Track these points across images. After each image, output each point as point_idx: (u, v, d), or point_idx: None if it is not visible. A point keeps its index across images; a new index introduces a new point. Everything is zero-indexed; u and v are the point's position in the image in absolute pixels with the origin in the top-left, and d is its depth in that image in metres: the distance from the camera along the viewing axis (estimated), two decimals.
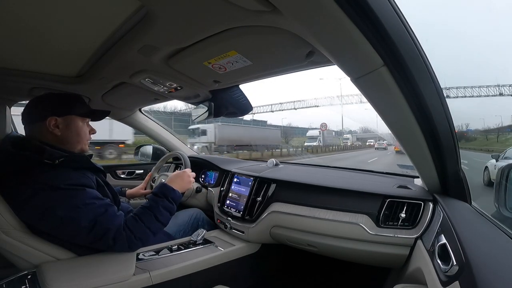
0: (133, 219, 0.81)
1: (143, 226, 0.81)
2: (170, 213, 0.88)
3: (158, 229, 0.86)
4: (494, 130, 24.62)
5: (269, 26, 0.56)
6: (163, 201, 0.87)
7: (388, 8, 0.44)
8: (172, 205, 0.89)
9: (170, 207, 0.88)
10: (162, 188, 0.91)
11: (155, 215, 0.83)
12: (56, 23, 0.62)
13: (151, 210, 0.84)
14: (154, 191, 0.92)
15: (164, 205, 0.87)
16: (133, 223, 0.80)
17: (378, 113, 0.61)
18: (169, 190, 0.91)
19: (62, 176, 0.74)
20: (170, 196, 0.89)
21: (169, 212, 0.88)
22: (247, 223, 1.09)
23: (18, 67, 0.89)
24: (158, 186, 0.93)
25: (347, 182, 1.01)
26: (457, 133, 0.68)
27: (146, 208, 0.84)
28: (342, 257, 0.97)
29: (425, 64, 0.52)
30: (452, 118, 0.61)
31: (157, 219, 0.84)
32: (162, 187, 0.92)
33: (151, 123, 1.60)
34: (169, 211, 0.88)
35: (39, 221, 0.75)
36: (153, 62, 0.79)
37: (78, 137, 0.85)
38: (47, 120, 0.80)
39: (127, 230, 0.78)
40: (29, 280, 0.72)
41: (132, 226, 0.79)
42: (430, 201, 0.80)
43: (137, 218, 0.81)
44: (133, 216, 0.82)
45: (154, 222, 0.83)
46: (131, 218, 0.81)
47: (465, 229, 0.54)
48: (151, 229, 0.82)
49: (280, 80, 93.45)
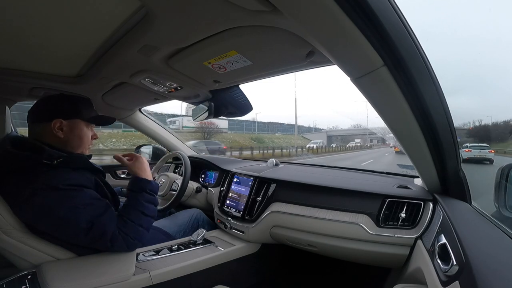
0: (122, 220, 0.79)
1: (134, 225, 0.79)
2: (154, 204, 0.86)
3: (149, 223, 0.84)
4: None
5: (269, 26, 0.55)
6: (143, 195, 0.84)
7: (388, 8, 0.44)
8: (152, 196, 0.86)
9: (152, 199, 0.86)
10: (137, 182, 0.87)
11: (141, 211, 0.82)
12: (56, 23, 0.62)
13: (135, 207, 0.82)
14: (129, 187, 0.87)
15: (146, 198, 0.84)
16: (123, 224, 0.78)
17: (378, 113, 0.61)
18: (144, 182, 0.87)
19: (61, 176, 0.74)
20: (148, 188, 0.86)
21: (153, 204, 0.86)
22: (247, 223, 1.09)
23: (18, 67, 0.89)
24: (132, 181, 0.88)
25: (347, 182, 1.01)
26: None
27: (130, 207, 0.82)
28: (342, 257, 0.97)
29: (425, 64, 0.52)
30: (452, 117, 0.61)
31: (144, 214, 0.82)
32: (136, 181, 0.87)
33: (151, 123, 1.60)
34: (152, 203, 0.85)
35: (38, 221, 0.74)
36: (153, 62, 0.79)
37: (80, 141, 0.85)
38: (53, 122, 0.79)
39: (122, 232, 0.77)
40: (29, 280, 0.72)
41: (124, 228, 0.78)
42: (430, 201, 0.80)
43: (124, 218, 0.79)
44: (120, 217, 0.80)
45: (143, 218, 0.81)
46: (120, 220, 0.79)
47: (465, 229, 0.54)
48: (143, 226, 0.81)
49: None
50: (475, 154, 8.02)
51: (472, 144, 8.98)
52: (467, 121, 20.50)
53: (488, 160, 7.78)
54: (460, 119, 16.35)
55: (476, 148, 8.41)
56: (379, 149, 23.88)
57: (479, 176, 5.05)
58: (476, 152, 8.11)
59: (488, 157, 7.92)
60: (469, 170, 2.92)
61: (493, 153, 8.30)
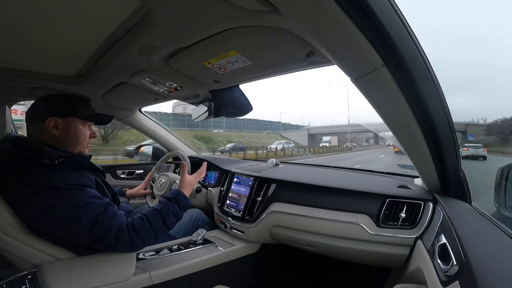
0: (141, 219, 0.82)
1: (149, 228, 0.82)
2: (177, 219, 0.91)
3: (162, 232, 0.87)
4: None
5: (269, 26, 0.56)
6: (175, 206, 0.89)
7: (388, 8, 0.44)
8: (181, 211, 0.92)
9: (179, 214, 0.91)
10: (177, 194, 0.94)
11: (163, 219, 0.85)
12: (56, 23, 0.62)
13: (161, 213, 0.86)
14: (167, 195, 0.94)
15: (175, 211, 0.89)
16: (139, 223, 0.81)
17: (378, 113, 0.61)
18: (182, 197, 0.94)
19: (61, 176, 0.74)
20: (182, 203, 0.92)
21: (177, 218, 0.90)
22: (247, 223, 1.09)
23: (18, 67, 0.89)
24: (174, 191, 0.96)
25: (347, 182, 1.01)
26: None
27: (157, 211, 0.86)
28: (342, 257, 0.97)
29: (425, 64, 0.52)
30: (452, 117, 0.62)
31: (164, 223, 0.85)
32: (177, 193, 0.94)
33: (151, 123, 1.60)
34: (177, 217, 0.90)
35: (39, 221, 0.75)
36: (153, 62, 0.79)
37: (76, 140, 0.85)
38: (47, 120, 0.80)
39: (131, 229, 0.79)
40: (29, 280, 0.72)
41: (138, 226, 0.80)
42: (430, 201, 0.80)
43: (145, 219, 0.82)
44: (141, 216, 0.83)
45: (161, 226, 0.85)
46: (139, 218, 0.82)
47: (465, 229, 0.54)
48: (156, 232, 0.84)
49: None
50: (472, 152, 10.17)
51: (470, 145, 11.36)
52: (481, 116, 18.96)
53: (482, 157, 10.07)
54: (471, 115, 15.63)
55: (473, 147, 10.74)
56: (366, 152, 17.81)
57: (473, 167, 6.89)
58: (472, 150, 10.34)
59: (482, 154, 10.26)
60: (467, 164, 4.16)
61: (486, 151, 10.69)
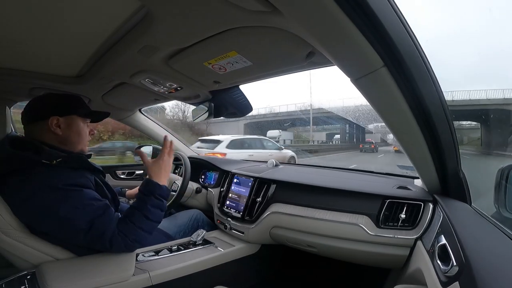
0: (123, 221, 0.78)
1: (134, 227, 0.78)
2: (161, 210, 0.84)
3: (152, 228, 0.82)
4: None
5: (269, 27, 0.56)
6: (151, 199, 0.82)
7: (388, 8, 0.44)
8: (161, 201, 0.84)
9: (159, 204, 0.83)
10: (147, 185, 0.85)
11: (145, 215, 0.80)
12: (56, 23, 0.62)
13: (140, 210, 0.80)
14: (140, 188, 0.86)
15: (153, 203, 0.82)
16: (123, 225, 0.77)
17: (378, 114, 0.61)
18: (155, 186, 0.84)
19: (60, 176, 0.74)
20: (157, 193, 0.84)
21: (160, 209, 0.84)
22: (247, 224, 1.09)
23: (18, 67, 0.88)
24: (144, 183, 0.86)
25: (347, 182, 1.01)
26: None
27: (135, 208, 0.81)
28: (342, 258, 0.96)
29: (425, 65, 0.52)
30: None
31: (147, 219, 0.80)
32: (148, 184, 0.85)
33: (151, 123, 1.60)
34: (159, 208, 0.83)
35: (37, 221, 0.74)
36: (153, 62, 0.79)
37: (79, 137, 0.85)
38: (49, 119, 0.79)
39: (121, 233, 0.76)
40: (29, 280, 0.72)
41: (124, 229, 0.77)
42: (430, 201, 0.80)
43: (127, 220, 0.78)
44: (122, 218, 0.79)
45: (145, 222, 0.79)
46: (122, 220, 0.78)
47: (465, 230, 0.54)
48: (144, 229, 0.79)
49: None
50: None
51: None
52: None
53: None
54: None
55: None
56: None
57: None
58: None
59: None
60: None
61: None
